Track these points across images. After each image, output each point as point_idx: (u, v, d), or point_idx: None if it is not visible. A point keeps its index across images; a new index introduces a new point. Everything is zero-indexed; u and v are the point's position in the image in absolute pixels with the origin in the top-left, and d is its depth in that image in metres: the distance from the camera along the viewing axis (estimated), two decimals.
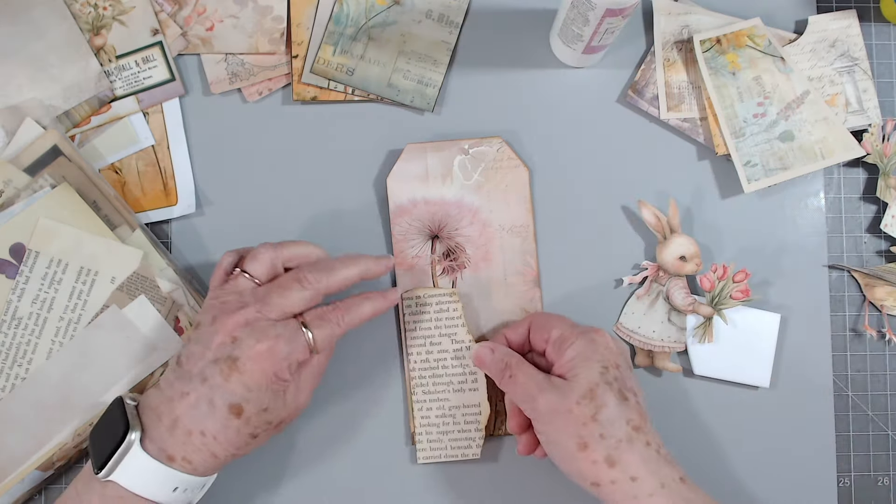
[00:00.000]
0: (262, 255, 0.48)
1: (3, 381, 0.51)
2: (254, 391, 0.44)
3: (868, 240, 0.57)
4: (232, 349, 0.44)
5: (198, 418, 0.44)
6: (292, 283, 0.46)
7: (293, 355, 0.45)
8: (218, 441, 0.44)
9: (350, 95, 0.56)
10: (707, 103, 0.56)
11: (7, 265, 0.51)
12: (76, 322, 0.51)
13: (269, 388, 0.45)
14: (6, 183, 0.52)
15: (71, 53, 0.54)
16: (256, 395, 0.44)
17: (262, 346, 0.44)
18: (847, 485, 0.56)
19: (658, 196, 0.56)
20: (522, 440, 0.50)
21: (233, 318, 0.45)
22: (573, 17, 0.50)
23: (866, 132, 0.56)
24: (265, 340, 0.44)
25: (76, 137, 0.55)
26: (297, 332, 0.45)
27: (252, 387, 0.44)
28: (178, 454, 0.44)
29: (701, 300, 0.55)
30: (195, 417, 0.44)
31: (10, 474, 0.50)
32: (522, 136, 0.57)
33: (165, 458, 0.43)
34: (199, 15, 0.56)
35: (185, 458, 0.44)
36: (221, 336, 0.44)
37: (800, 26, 0.58)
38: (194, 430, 0.44)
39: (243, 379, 0.44)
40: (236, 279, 0.47)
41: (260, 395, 0.44)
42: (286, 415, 0.47)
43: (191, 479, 0.44)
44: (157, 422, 0.44)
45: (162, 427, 0.44)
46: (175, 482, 0.44)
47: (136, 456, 0.43)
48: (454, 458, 0.54)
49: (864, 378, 0.56)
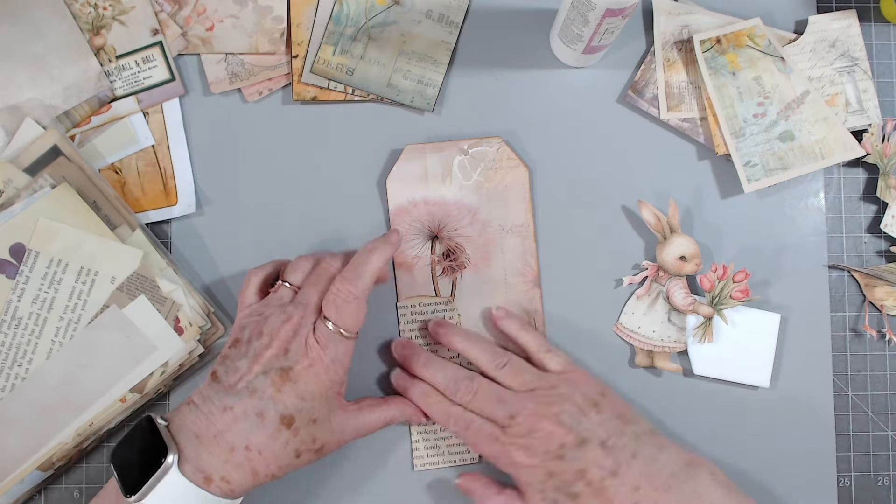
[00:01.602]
0: (301, 265, 0.49)
1: (3, 381, 0.51)
2: (307, 400, 0.44)
3: (868, 240, 0.57)
4: (285, 360, 0.44)
5: (243, 432, 0.43)
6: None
7: (340, 355, 0.46)
8: (262, 456, 0.44)
9: (350, 95, 0.56)
10: (707, 103, 0.56)
11: (7, 265, 0.51)
12: (76, 322, 0.51)
13: (324, 396, 0.45)
14: (6, 183, 0.52)
15: (71, 53, 0.54)
16: (309, 405, 0.44)
17: (315, 353, 0.45)
18: (847, 485, 0.56)
19: (658, 196, 0.56)
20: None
21: (283, 329, 0.45)
22: (573, 18, 0.50)
23: (866, 132, 0.56)
24: (316, 348, 0.45)
25: (76, 137, 0.55)
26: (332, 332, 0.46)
27: (306, 395, 0.44)
28: (216, 474, 0.43)
29: (701, 300, 0.55)
30: (240, 431, 0.43)
31: (10, 474, 0.50)
32: (522, 136, 0.57)
33: (202, 480, 0.43)
34: (199, 15, 0.56)
35: (224, 477, 0.43)
36: (274, 349, 0.45)
37: (800, 26, 0.58)
38: (238, 446, 0.43)
39: (297, 388, 0.44)
40: (278, 291, 0.48)
41: (312, 405, 0.45)
42: (330, 435, 0.46)
43: (223, 502, 0.43)
44: (194, 440, 0.43)
45: (200, 445, 0.43)
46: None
47: (172, 480, 0.42)
48: (453, 464, 0.54)
49: (864, 378, 0.56)
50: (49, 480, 0.53)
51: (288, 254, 0.55)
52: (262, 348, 0.45)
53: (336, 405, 0.47)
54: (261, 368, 0.44)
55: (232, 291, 0.55)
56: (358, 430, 0.48)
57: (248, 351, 0.45)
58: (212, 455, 0.43)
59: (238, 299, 0.51)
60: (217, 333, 0.54)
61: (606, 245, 0.56)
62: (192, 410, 0.45)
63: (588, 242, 0.56)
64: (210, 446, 0.43)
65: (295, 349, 0.45)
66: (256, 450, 0.43)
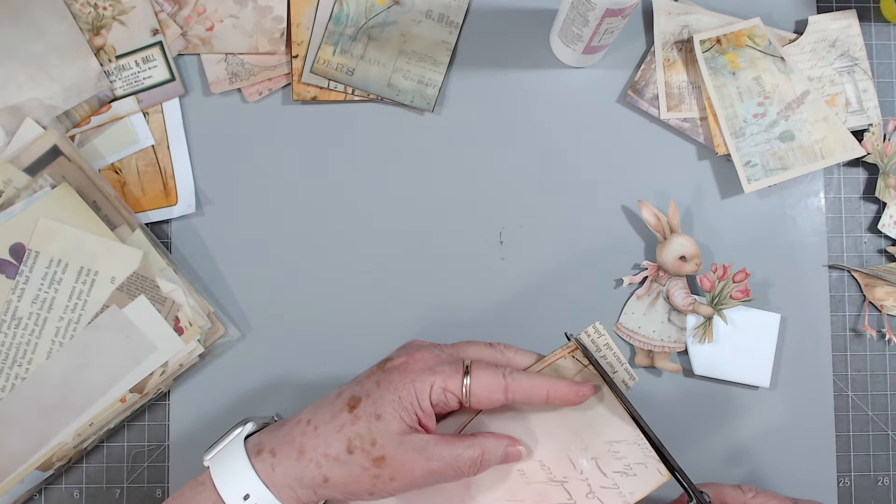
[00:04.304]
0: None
1: (3, 381, 0.51)
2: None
3: (868, 240, 0.57)
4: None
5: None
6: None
7: (439, 383, 0.41)
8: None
9: (350, 95, 0.56)
10: (707, 103, 0.56)
11: (7, 265, 0.51)
12: (76, 322, 0.51)
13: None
14: (6, 183, 0.52)
15: (71, 53, 0.54)
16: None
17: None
18: (847, 485, 0.56)
19: (658, 196, 0.56)
20: None
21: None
22: (573, 18, 0.50)
23: (867, 132, 0.56)
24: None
25: (76, 137, 0.55)
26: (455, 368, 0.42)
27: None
28: (266, 446, 0.42)
29: (701, 300, 0.55)
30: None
31: (10, 474, 0.50)
32: (522, 136, 0.57)
33: (253, 447, 0.42)
34: (199, 15, 0.56)
35: (273, 449, 0.41)
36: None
37: (800, 26, 0.58)
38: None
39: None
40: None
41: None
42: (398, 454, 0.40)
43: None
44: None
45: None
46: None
47: (235, 443, 0.42)
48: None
49: (864, 378, 0.56)
50: (49, 480, 0.53)
51: (287, 253, 0.55)
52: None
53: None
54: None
55: (232, 291, 0.55)
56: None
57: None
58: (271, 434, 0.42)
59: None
60: (217, 333, 0.54)
61: (606, 245, 0.56)
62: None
63: (588, 242, 0.56)
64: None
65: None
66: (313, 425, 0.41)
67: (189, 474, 0.54)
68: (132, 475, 0.54)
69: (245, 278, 0.55)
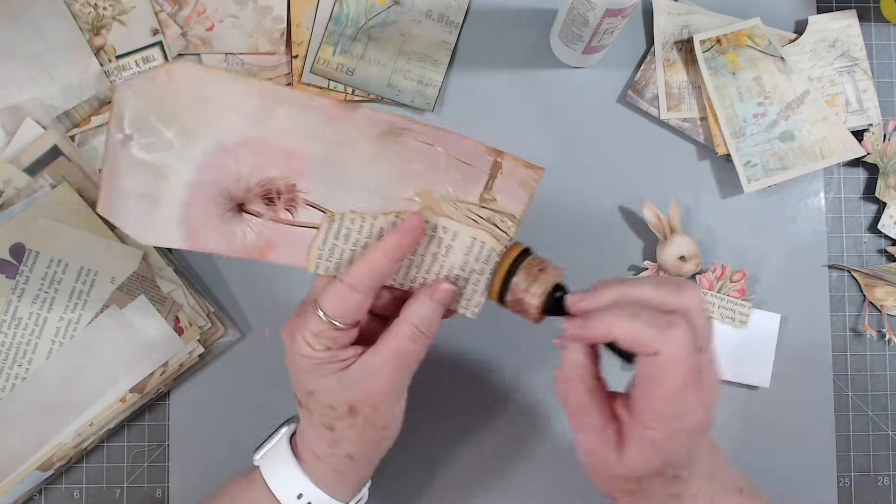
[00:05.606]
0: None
1: (3, 381, 0.51)
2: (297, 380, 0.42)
3: (868, 240, 0.57)
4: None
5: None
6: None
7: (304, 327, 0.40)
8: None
9: (350, 95, 0.56)
10: (707, 103, 0.56)
11: (7, 265, 0.51)
12: (76, 322, 0.51)
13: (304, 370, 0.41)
14: (6, 183, 0.52)
15: (71, 53, 0.54)
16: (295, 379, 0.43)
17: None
18: (847, 485, 0.56)
19: (658, 196, 0.56)
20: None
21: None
22: (573, 18, 0.50)
23: (867, 132, 0.56)
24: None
25: (76, 137, 0.55)
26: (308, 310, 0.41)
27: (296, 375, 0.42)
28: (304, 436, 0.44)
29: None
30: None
31: (10, 474, 0.50)
32: (522, 136, 0.57)
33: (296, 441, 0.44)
34: (199, 15, 0.56)
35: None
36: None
37: (800, 26, 0.58)
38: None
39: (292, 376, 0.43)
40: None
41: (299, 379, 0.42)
42: (349, 395, 0.40)
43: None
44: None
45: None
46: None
47: (280, 442, 0.44)
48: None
49: (864, 378, 0.56)
50: (49, 480, 0.53)
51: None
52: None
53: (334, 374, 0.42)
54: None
55: (232, 291, 0.55)
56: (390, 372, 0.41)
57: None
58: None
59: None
60: (217, 333, 0.54)
61: (606, 245, 0.56)
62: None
63: (588, 242, 0.56)
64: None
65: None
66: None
67: (189, 474, 0.54)
68: (132, 475, 0.54)
69: (245, 278, 0.55)
